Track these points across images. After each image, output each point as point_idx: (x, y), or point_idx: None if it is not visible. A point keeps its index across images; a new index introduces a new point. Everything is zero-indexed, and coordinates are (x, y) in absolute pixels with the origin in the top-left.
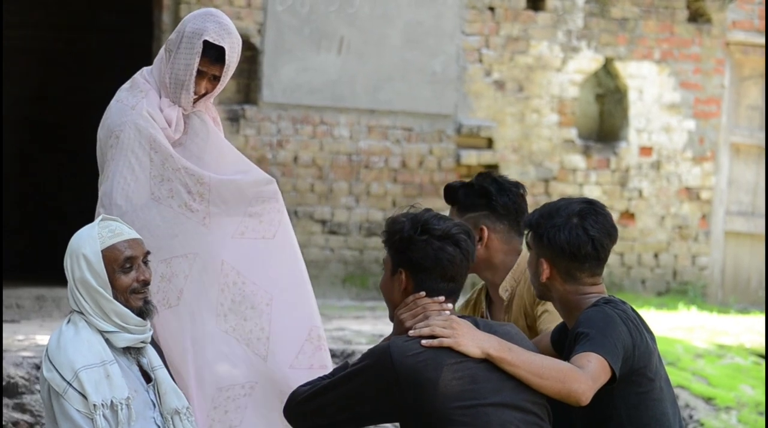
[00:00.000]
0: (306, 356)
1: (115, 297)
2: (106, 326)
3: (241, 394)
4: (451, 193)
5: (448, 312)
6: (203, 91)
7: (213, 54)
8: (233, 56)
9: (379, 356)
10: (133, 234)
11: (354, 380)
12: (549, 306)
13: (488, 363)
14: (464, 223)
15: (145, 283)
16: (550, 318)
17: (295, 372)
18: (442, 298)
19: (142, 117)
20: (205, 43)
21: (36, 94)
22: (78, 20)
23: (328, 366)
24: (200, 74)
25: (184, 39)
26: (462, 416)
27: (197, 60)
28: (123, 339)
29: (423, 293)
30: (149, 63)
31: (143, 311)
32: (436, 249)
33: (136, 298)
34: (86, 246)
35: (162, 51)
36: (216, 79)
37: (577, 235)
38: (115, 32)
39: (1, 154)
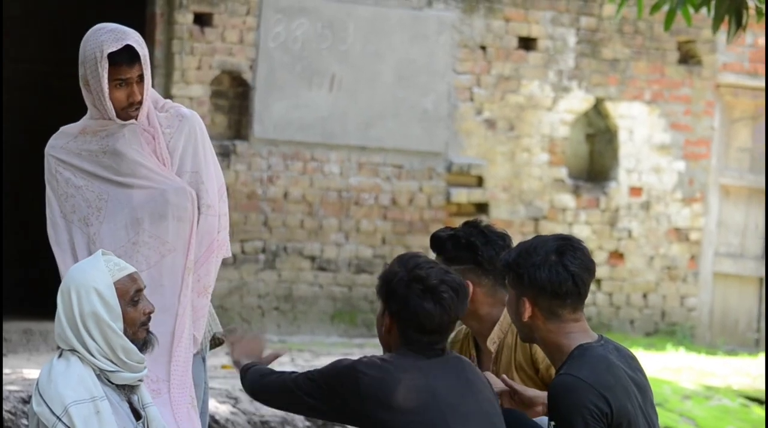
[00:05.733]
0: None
1: (123, 332)
2: (107, 365)
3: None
4: (438, 243)
5: None
6: (139, 97)
7: (125, 58)
8: (142, 47)
9: (347, 366)
10: (132, 268)
11: (318, 381)
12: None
13: (449, 377)
14: (455, 275)
15: (150, 315)
16: None
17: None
18: None
19: (48, 145)
20: (110, 55)
21: (34, 127)
22: (74, 56)
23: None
24: (127, 82)
25: (88, 63)
26: None
27: (106, 74)
28: (122, 378)
29: None
30: None
31: (147, 341)
32: (415, 305)
33: (143, 330)
34: (97, 279)
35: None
36: (142, 79)
37: (557, 272)
38: None
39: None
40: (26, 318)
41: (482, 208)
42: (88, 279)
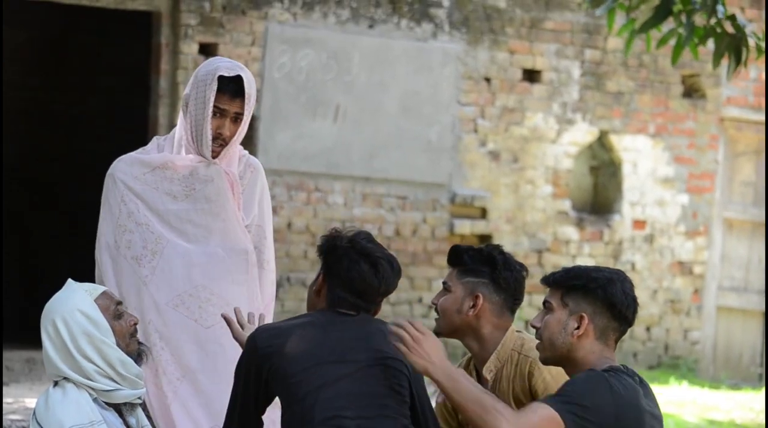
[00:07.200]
0: None
1: (117, 345)
2: (107, 384)
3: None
4: (457, 254)
5: None
6: (228, 133)
7: (231, 88)
8: (251, 87)
9: (247, 343)
10: (103, 287)
11: (236, 373)
12: None
13: (347, 331)
14: (393, 256)
15: (136, 325)
16: None
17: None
18: None
19: (119, 169)
20: (220, 78)
21: (34, 155)
22: (76, 83)
23: None
24: (222, 114)
25: (197, 84)
26: (303, 374)
27: (213, 95)
28: (122, 396)
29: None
30: (147, 126)
31: (141, 352)
32: (351, 262)
33: (134, 341)
34: (78, 301)
35: (180, 115)
36: (239, 119)
37: (626, 295)
38: (113, 95)
39: (1, 213)
40: (28, 347)
41: (485, 239)
42: (70, 305)
